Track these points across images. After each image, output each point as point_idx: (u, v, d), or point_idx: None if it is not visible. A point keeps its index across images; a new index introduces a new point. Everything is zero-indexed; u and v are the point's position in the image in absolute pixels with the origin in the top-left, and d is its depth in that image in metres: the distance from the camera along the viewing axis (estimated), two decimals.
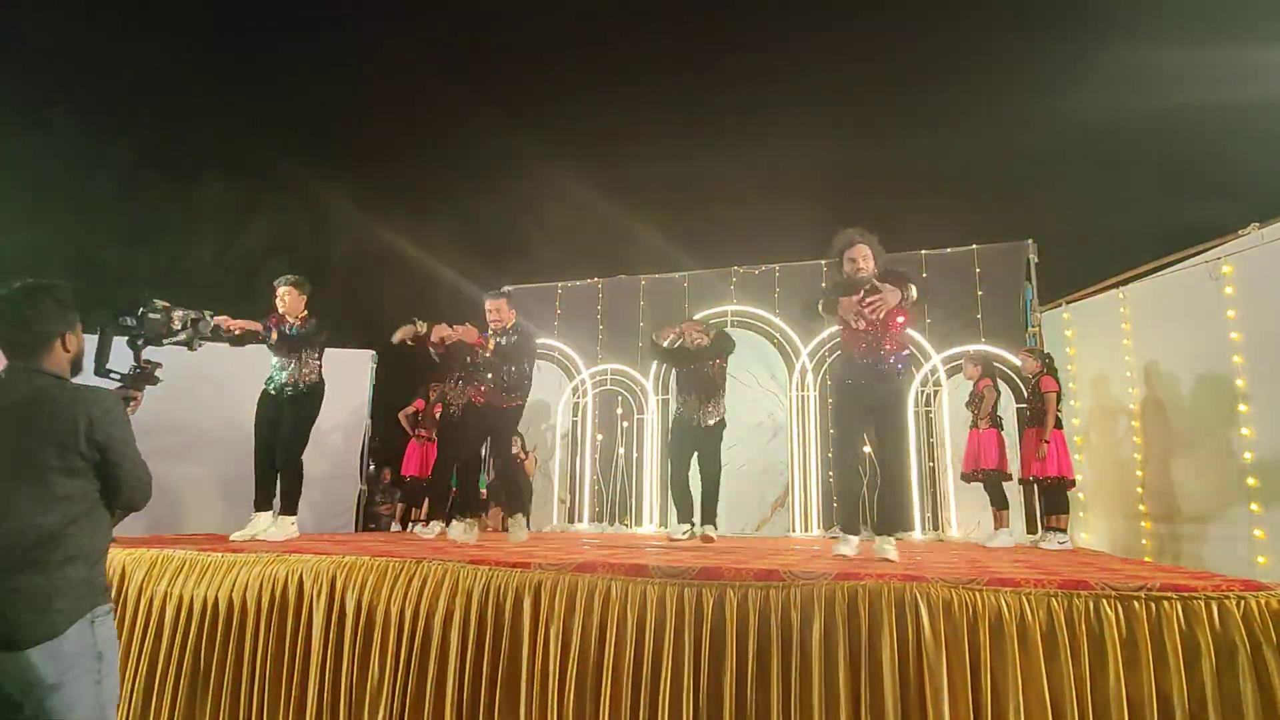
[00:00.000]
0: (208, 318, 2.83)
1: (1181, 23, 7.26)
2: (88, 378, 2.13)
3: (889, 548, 3.54)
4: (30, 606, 1.81)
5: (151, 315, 2.58)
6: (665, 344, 5.47)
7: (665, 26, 9.56)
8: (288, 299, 4.73)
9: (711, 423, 5.34)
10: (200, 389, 5.74)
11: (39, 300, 2.00)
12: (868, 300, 3.64)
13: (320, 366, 4.84)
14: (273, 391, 4.74)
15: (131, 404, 2.36)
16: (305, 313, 4.79)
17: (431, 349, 5.44)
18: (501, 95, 9.92)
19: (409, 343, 5.36)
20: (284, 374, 4.72)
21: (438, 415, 6.70)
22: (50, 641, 1.81)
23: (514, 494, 5.70)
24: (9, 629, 1.79)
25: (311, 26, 9.45)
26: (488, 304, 4.88)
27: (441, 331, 5.25)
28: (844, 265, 3.83)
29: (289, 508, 4.65)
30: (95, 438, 1.94)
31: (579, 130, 9.78)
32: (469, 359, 5.27)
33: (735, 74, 9.79)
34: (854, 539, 3.73)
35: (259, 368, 4.88)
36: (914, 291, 3.67)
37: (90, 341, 2.20)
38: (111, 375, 2.40)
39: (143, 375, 2.38)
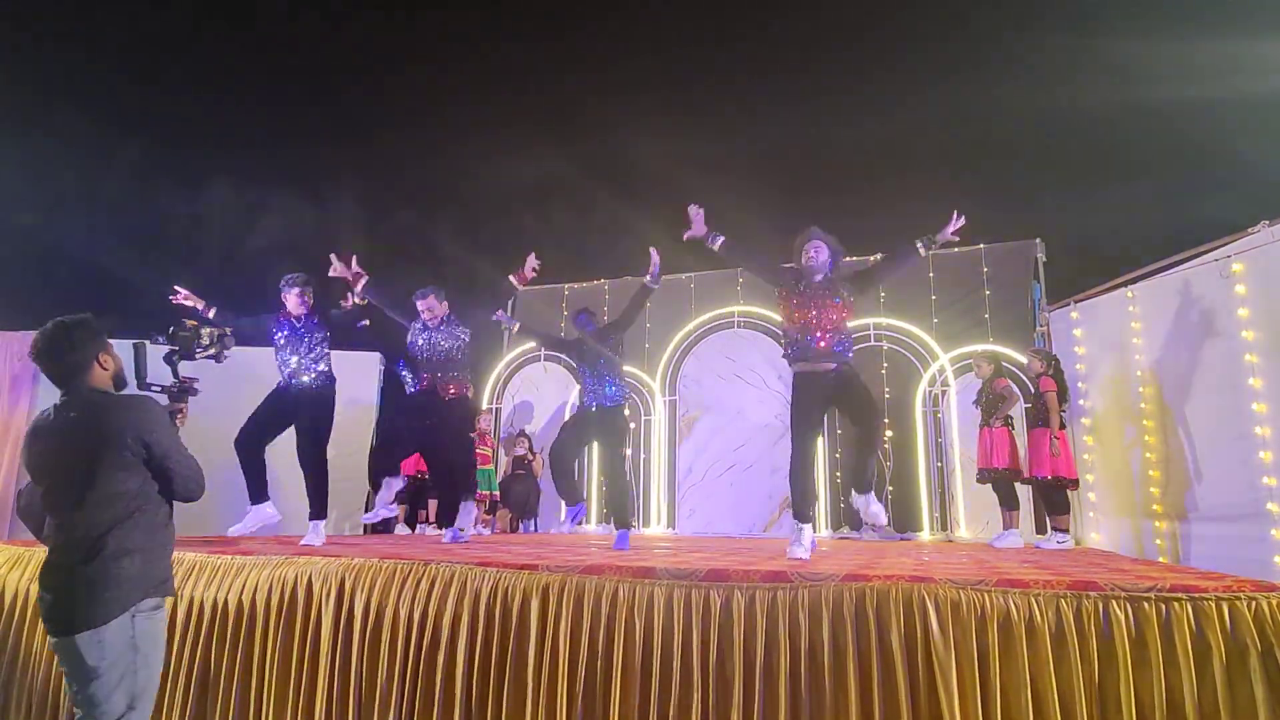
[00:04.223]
0: (229, 333, 3.07)
1: (1189, 15, 7.20)
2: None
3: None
4: (84, 595, 2.02)
5: (182, 333, 2.87)
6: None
7: (668, 17, 9.52)
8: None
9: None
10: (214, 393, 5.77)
11: (70, 333, 2.23)
12: None
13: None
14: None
15: (178, 416, 2.56)
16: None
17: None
18: (502, 92, 9.90)
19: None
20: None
21: None
22: (95, 630, 2.01)
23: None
24: (66, 615, 2.00)
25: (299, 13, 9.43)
26: (419, 305, 4.88)
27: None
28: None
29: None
30: (141, 436, 2.17)
31: (580, 129, 9.77)
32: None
33: (735, 72, 9.76)
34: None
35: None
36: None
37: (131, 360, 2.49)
38: (152, 388, 2.59)
39: (183, 389, 2.63)
